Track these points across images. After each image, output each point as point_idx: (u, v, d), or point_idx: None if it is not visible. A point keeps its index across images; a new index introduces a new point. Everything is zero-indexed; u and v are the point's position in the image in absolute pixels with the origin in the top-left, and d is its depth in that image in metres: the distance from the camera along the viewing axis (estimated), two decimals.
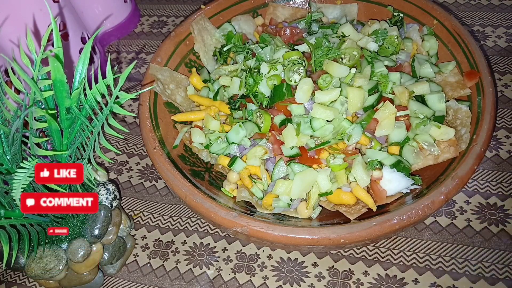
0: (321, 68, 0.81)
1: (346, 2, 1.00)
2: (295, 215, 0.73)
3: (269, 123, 0.77)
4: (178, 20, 1.30)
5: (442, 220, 0.80)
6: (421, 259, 0.75)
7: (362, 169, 0.71)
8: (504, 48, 1.03)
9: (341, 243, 0.62)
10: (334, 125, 0.73)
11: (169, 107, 0.88)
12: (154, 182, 0.94)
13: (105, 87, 0.58)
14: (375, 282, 0.74)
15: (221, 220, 0.66)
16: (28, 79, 0.57)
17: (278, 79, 0.80)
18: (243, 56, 0.91)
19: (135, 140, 1.03)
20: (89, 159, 0.64)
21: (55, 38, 0.59)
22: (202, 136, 0.82)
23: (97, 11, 1.19)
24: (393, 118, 0.73)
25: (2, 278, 0.83)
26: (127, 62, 1.21)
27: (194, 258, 0.81)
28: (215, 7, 0.98)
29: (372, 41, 0.85)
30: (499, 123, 0.91)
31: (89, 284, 0.76)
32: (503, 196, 0.81)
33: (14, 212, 0.64)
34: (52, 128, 0.60)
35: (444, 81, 0.84)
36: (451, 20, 0.86)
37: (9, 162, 0.64)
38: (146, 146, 0.77)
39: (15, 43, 0.88)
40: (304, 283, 0.75)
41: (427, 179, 0.72)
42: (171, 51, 0.92)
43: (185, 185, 0.70)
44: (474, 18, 1.11)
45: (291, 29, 0.94)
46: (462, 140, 0.72)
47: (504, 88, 0.96)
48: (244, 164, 0.77)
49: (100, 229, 0.72)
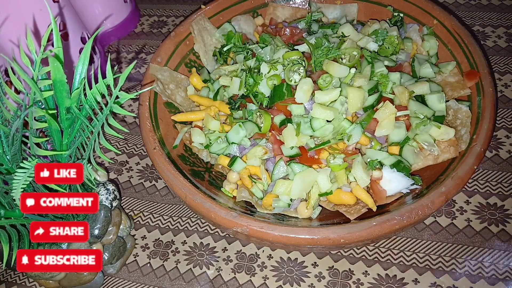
0: (321, 68, 0.81)
1: (346, 2, 1.00)
2: (295, 215, 0.73)
3: (269, 123, 0.77)
4: (178, 20, 1.30)
5: (442, 220, 0.80)
6: (421, 259, 0.75)
7: (362, 169, 0.71)
8: (504, 48, 1.03)
9: (341, 243, 0.62)
10: (334, 125, 0.73)
11: (169, 107, 0.88)
12: (154, 182, 0.94)
13: (105, 87, 0.58)
14: (375, 282, 0.74)
15: (221, 220, 0.66)
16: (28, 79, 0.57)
17: (278, 79, 0.80)
18: (243, 56, 0.91)
19: (135, 140, 1.03)
20: (89, 159, 0.64)
21: (55, 38, 0.59)
22: (202, 136, 0.82)
23: (97, 11, 1.19)
24: (393, 118, 0.73)
25: (2, 278, 0.83)
26: (127, 62, 1.21)
27: (194, 258, 0.81)
28: (215, 7, 0.98)
29: (372, 41, 0.85)
30: (499, 123, 0.91)
31: (89, 284, 0.76)
32: (503, 196, 0.81)
33: (14, 212, 0.64)
34: (52, 128, 0.60)
35: (444, 81, 0.84)
36: (451, 20, 0.86)
37: (9, 162, 0.64)
38: (146, 146, 0.77)
39: (15, 43, 0.88)
40: (304, 283, 0.75)
41: (427, 179, 0.72)
42: (171, 51, 0.92)
43: (185, 185, 0.70)
44: (474, 18, 1.11)
45: (291, 29, 0.94)
46: (462, 140, 0.72)
47: (504, 88, 0.96)
48: (244, 164, 0.77)
49: (100, 229, 0.72)
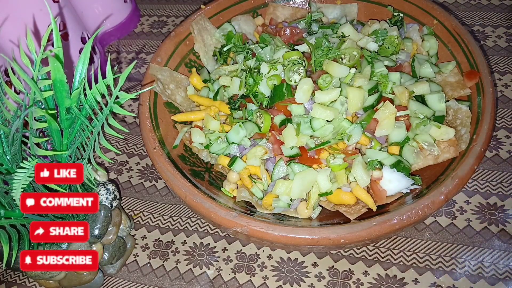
0: (321, 68, 0.81)
1: (346, 2, 1.00)
2: (295, 215, 0.73)
3: (269, 123, 0.77)
4: (178, 20, 1.30)
5: (442, 220, 0.80)
6: (421, 259, 0.75)
7: (362, 169, 0.71)
8: (504, 48, 1.03)
9: (341, 243, 0.62)
10: (334, 125, 0.73)
11: (169, 107, 0.88)
12: (154, 182, 0.94)
13: (105, 87, 0.58)
14: (375, 282, 0.74)
15: (221, 220, 0.66)
16: (28, 79, 0.57)
17: (278, 79, 0.80)
18: (243, 56, 0.91)
19: (135, 140, 1.03)
20: (89, 159, 0.64)
21: (55, 38, 0.59)
22: (202, 136, 0.82)
23: (97, 11, 1.19)
24: (393, 118, 0.73)
25: (2, 278, 0.83)
26: (127, 62, 1.21)
27: (194, 258, 0.81)
28: (215, 7, 0.98)
29: (372, 41, 0.85)
30: (499, 123, 0.91)
31: (89, 284, 0.76)
32: (503, 196, 0.81)
33: (14, 212, 0.64)
34: (52, 128, 0.60)
35: (444, 81, 0.84)
36: (451, 20, 0.86)
37: (9, 162, 0.64)
38: (146, 146, 0.77)
39: (15, 43, 0.88)
40: (304, 283, 0.75)
41: (427, 179, 0.72)
42: (171, 51, 0.92)
43: (185, 185, 0.70)
44: (474, 18, 1.11)
45: (291, 29, 0.94)
46: (462, 140, 0.72)
47: (504, 88, 0.96)
48: (244, 164, 0.77)
49: (100, 229, 0.72)
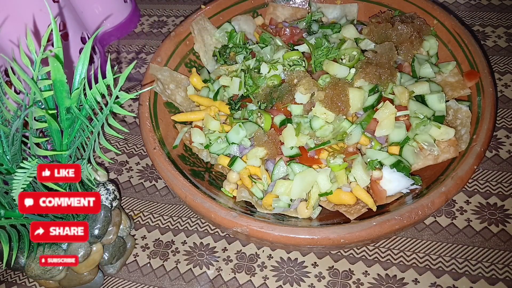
0: (321, 68, 0.81)
1: (346, 2, 1.00)
2: (295, 215, 0.73)
3: (269, 123, 0.77)
4: (178, 20, 1.30)
5: (442, 220, 0.80)
6: (421, 259, 0.75)
7: (362, 169, 0.71)
8: (504, 48, 1.03)
9: (341, 243, 0.62)
10: (334, 126, 0.73)
11: (169, 107, 0.88)
12: (154, 182, 0.94)
13: (105, 87, 0.58)
14: (375, 282, 0.74)
15: (221, 220, 0.66)
16: (28, 79, 0.57)
17: (278, 79, 0.80)
18: (243, 56, 0.91)
19: (135, 140, 1.03)
20: (89, 159, 0.64)
21: (55, 38, 0.59)
22: (202, 136, 0.82)
23: (97, 11, 1.19)
24: (393, 118, 0.73)
25: (2, 278, 0.83)
26: (127, 62, 1.21)
27: (194, 258, 0.81)
28: (215, 7, 0.98)
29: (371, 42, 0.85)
30: (499, 123, 0.91)
31: (89, 284, 0.76)
32: (503, 196, 0.81)
33: (14, 212, 0.64)
34: (52, 128, 0.60)
35: (444, 81, 0.84)
36: (451, 20, 0.86)
37: (9, 162, 0.64)
38: (146, 146, 0.77)
39: (15, 43, 0.88)
40: (304, 283, 0.75)
41: (427, 179, 0.72)
42: (171, 51, 0.92)
43: (185, 185, 0.70)
44: (474, 18, 1.11)
45: (291, 29, 0.94)
46: (462, 140, 0.72)
47: (504, 88, 0.96)
48: (244, 164, 0.77)
49: (100, 229, 0.72)
